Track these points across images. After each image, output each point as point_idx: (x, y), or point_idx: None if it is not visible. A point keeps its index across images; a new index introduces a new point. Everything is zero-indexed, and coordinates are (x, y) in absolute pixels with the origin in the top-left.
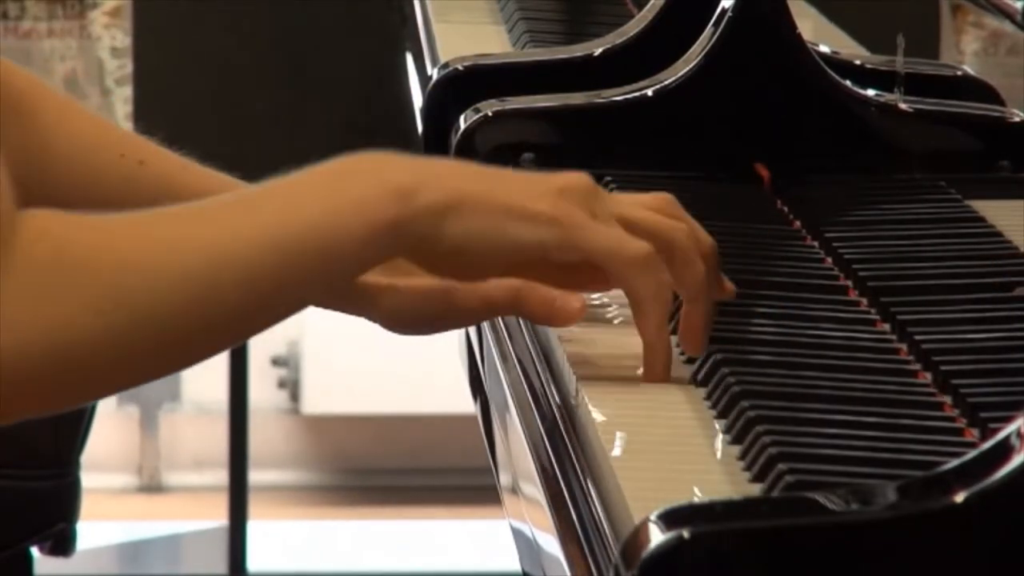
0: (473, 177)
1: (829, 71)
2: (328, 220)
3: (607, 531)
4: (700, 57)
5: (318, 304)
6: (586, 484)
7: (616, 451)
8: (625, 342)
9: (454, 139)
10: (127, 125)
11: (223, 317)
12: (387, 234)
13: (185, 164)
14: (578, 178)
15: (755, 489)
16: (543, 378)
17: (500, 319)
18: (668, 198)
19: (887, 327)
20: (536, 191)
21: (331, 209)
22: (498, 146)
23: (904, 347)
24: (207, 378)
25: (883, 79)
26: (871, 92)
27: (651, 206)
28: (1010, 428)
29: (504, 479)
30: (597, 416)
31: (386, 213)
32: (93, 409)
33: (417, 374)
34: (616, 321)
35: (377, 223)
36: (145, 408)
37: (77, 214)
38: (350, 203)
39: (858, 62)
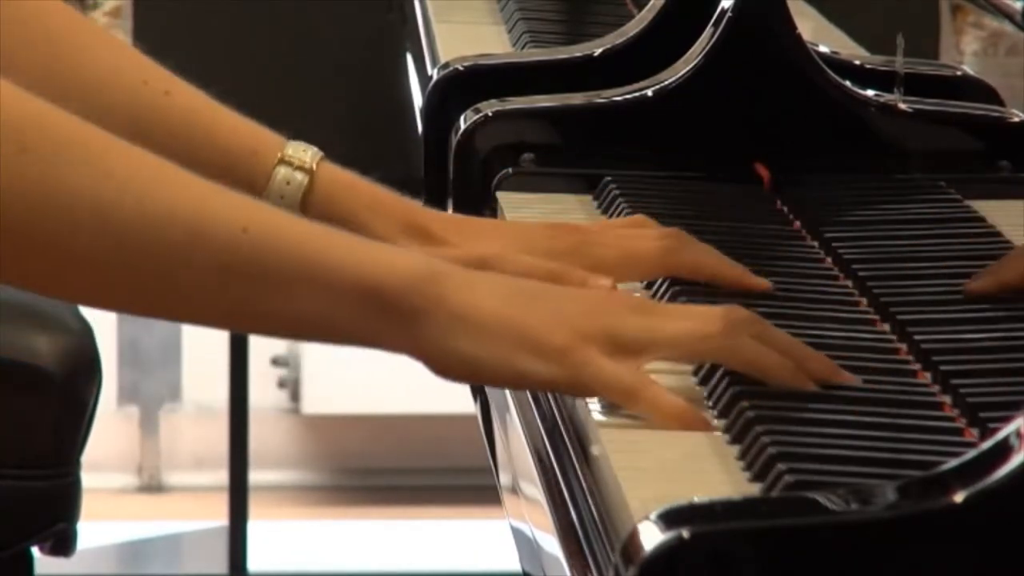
0: (503, 292)
1: (829, 71)
2: (322, 246)
3: (607, 531)
4: (700, 57)
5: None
6: (586, 484)
7: (616, 451)
8: None
9: (454, 139)
10: None
11: (151, 263)
12: (379, 300)
13: (212, 103)
14: (613, 298)
15: (755, 489)
16: (539, 391)
17: None
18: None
19: (887, 327)
20: (560, 317)
21: (333, 241)
22: (498, 146)
23: (904, 347)
24: (207, 378)
25: (883, 79)
26: (871, 92)
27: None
28: (1010, 428)
29: (504, 479)
30: (597, 416)
31: (385, 276)
32: (93, 409)
33: (417, 374)
34: None
35: (369, 278)
36: (145, 408)
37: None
38: (358, 248)
39: (858, 62)
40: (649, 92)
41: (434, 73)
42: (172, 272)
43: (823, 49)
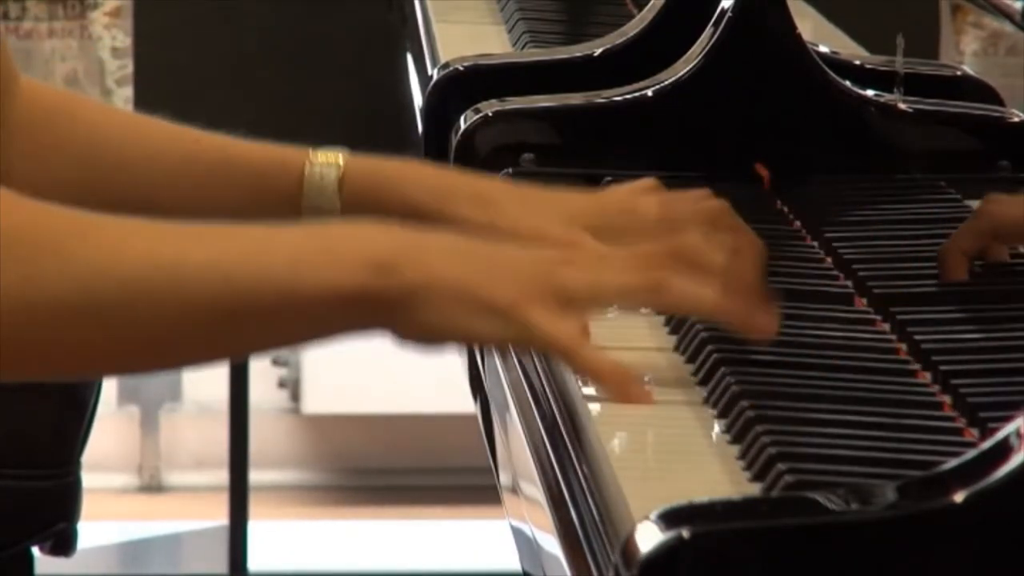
0: (455, 255)
1: (829, 71)
2: (290, 270)
3: (607, 531)
4: (700, 57)
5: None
6: (586, 484)
7: (616, 451)
8: (624, 339)
9: (454, 139)
10: None
11: (143, 331)
12: (353, 303)
13: (236, 140)
14: (562, 253)
15: (755, 489)
16: (543, 378)
17: None
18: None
19: (887, 327)
20: (508, 275)
21: (299, 261)
22: (498, 146)
23: (904, 347)
24: (208, 378)
25: (883, 79)
26: (871, 92)
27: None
28: (1010, 428)
29: (504, 479)
30: (597, 416)
31: (354, 281)
32: (94, 409)
33: (417, 374)
34: (614, 317)
35: (343, 288)
36: (145, 408)
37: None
38: (322, 262)
39: (858, 62)
40: (649, 92)
41: (434, 73)
42: (162, 335)
43: (823, 49)
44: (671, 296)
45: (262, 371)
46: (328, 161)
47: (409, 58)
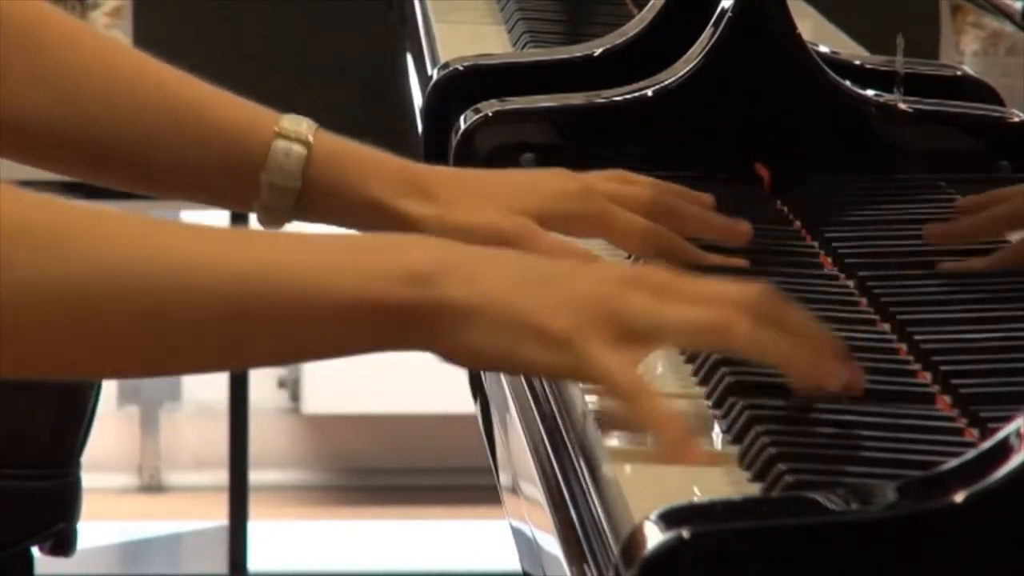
0: (509, 275)
1: (829, 71)
2: (309, 274)
3: (607, 531)
4: (700, 57)
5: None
6: (586, 484)
7: (616, 451)
8: None
9: (454, 139)
10: None
11: (148, 332)
12: (380, 315)
13: (204, 87)
14: (626, 277)
15: (755, 489)
16: (543, 378)
17: None
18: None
19: (887, 327)
20: (566, 302)
21: (321, 265)
22: (498, 146)
23: (904, 347)
24: (207, 378)
25: (883, 79)
26: (871, 92)
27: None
28: (1010, 428)
29: (504, 479)
30: (597, 416)
31: (381, 290)
32: (94, 409)
33: (417, 374)
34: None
35: (368, 298)
36: (145, 408)
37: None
38: (346, 268)
39: (858, 62)
40: (649, 92)
41: (434, 73)
42: (174, 337)
43: (823, 49)
44: (740, 340)
45: (262, 371)
46: (296, 135)
47: (409, 58)
